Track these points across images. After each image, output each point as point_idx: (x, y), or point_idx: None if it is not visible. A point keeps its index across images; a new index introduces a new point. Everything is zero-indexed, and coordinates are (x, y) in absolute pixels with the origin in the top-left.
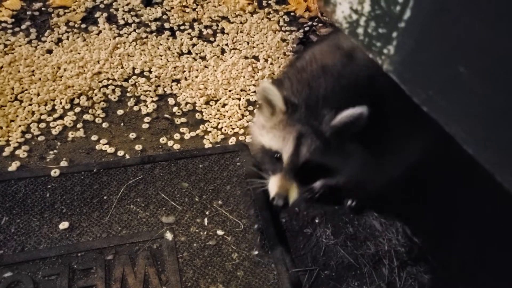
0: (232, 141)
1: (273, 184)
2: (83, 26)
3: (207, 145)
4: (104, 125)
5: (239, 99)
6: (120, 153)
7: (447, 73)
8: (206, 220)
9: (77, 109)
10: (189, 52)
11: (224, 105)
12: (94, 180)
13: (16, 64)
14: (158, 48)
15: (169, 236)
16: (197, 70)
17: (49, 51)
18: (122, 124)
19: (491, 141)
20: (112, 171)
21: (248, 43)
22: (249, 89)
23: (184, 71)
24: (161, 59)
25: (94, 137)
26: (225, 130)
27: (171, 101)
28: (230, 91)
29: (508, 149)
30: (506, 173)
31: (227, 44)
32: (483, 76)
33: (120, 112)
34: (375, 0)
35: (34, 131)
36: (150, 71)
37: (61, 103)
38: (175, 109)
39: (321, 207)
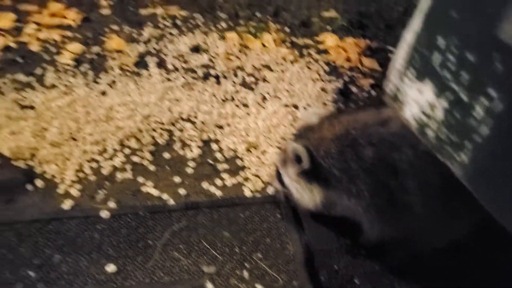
0: (271, 190)
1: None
2: (135, 70)
3: (247, 193)
4: (151, 167)
5: (279, 147)
6: (164, 196)
7: None
8: (245, 273)
9: (127, 151)
10: (232, 99)
11: (264, 152)
12: (139, 223)
13: (74, 105)
14: (204, 94)
15: (209, 286)
16: (239, 117)
17: (104, 93)
18: (168, 167)
19: None
20: (157, 215)
21: (288, 92)
22: (289, 137)
23: (228, 117)
24: (206, 105)
25: (140, 179)
26: (265, 178)
27: (214, 146)
28: (270, 138)
29: None
30: None
31: (268, 92)
32: None
33: (166, 155)
34: (448, 110)
35: (86, 170)
36: (195, 117)
37: (112, 144)
38: (217, 155)
39: (361, 265)
